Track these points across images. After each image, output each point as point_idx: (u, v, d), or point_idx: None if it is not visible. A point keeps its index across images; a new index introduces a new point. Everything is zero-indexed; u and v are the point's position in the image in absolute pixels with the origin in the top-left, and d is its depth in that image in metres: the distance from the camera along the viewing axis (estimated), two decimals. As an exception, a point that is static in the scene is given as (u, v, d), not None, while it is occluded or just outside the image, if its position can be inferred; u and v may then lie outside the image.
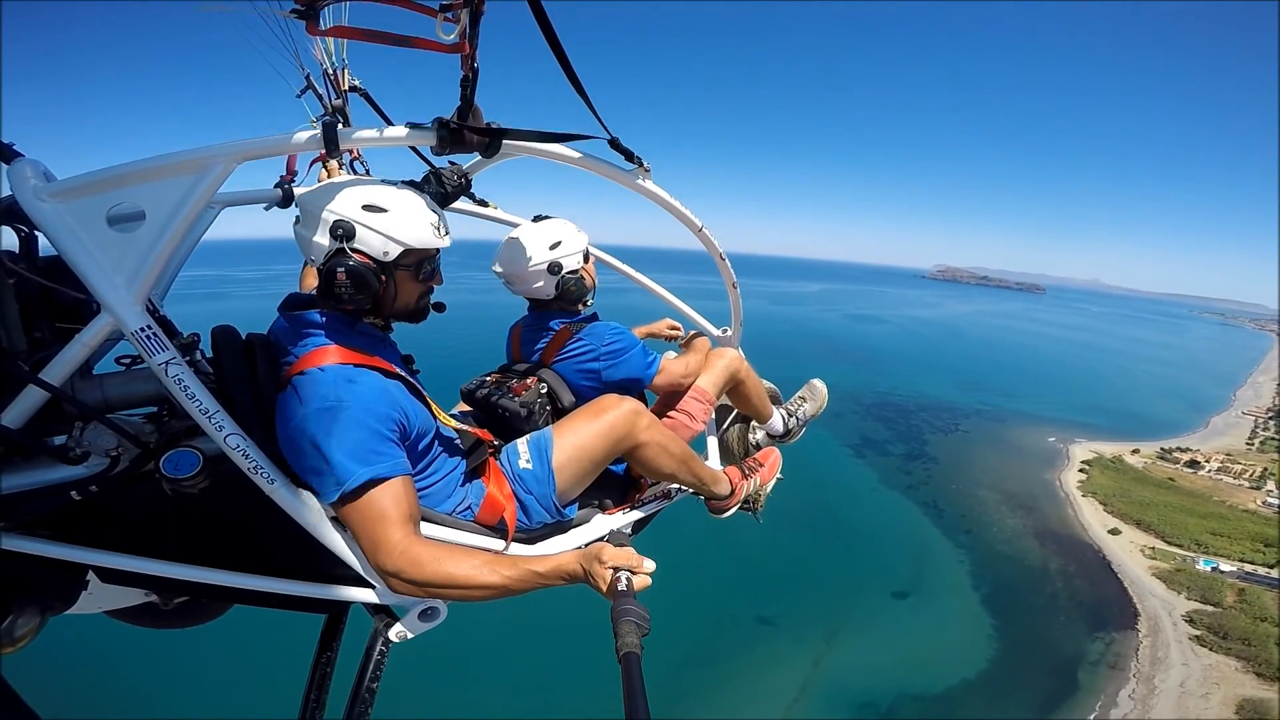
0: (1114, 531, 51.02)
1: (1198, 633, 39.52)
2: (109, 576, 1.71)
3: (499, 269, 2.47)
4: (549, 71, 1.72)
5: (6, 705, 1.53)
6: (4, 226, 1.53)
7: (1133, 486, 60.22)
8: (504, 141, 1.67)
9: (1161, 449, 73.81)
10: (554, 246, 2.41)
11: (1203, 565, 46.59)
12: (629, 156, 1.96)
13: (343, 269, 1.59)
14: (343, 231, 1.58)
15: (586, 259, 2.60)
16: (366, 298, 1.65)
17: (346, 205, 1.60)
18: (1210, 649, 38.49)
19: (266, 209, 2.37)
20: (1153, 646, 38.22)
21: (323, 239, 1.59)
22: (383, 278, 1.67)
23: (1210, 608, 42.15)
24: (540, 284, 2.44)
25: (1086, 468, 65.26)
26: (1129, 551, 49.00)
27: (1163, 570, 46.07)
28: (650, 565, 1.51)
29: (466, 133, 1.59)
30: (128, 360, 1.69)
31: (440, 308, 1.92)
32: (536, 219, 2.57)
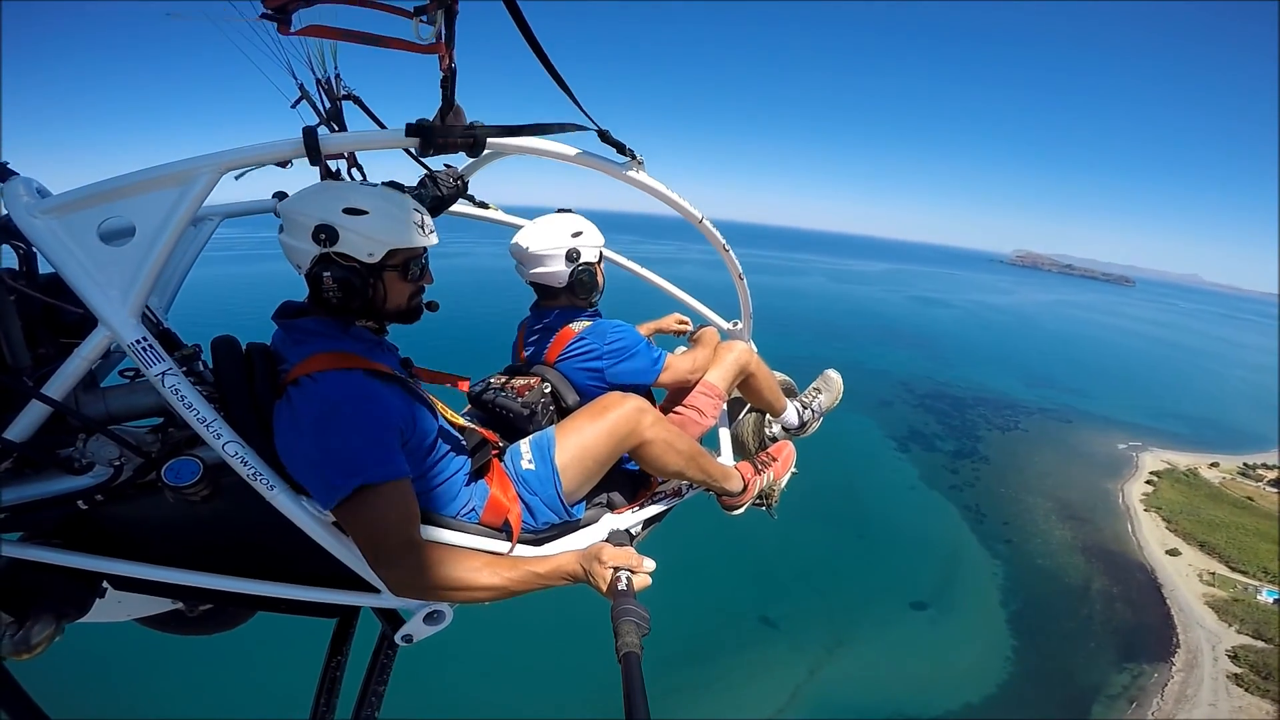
0: (1173, 552, 46.45)
1: (1238, 670, 35.48)
2: (121, 584, 1.76)
3: (520, 242, 2.46)
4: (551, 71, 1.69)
5: (18, 706, 1.58)
6: (3, 245, 1.58)
7: (1203, 504, 53.87)
8: (490, 140, 1.66)
9: (1244, 464, 65.27)
10: (576, 235, 2.43)
11: (1265, 596, 40.89)
12: (620, 149, 1.94)
13: (329, 274, 1.61)
14: (325, 236, 1.58)
15: (600, 259, 2.59)
16: (355, 301, 1.66)
17: (327, 209, 1.60)
18: (1246, 689, 34.60)
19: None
20: (1183, 683, 34.56)
21: (306, 245, 1.60)
22: (370, 280, 1.67)
23: (1260, 644, 37.84)
24: (554, 269, 2.43)
25: (1155, 479, 59.03)
26: (1184, 576, 44.20)
27: (1218, 599, 41.67)
28: (650, 565, 1.51)
29: (450, 132, 1.59)
30: (131, 373, 1.73)
31: (433, 307, 1.92)
32: (561, 211, 2.58)
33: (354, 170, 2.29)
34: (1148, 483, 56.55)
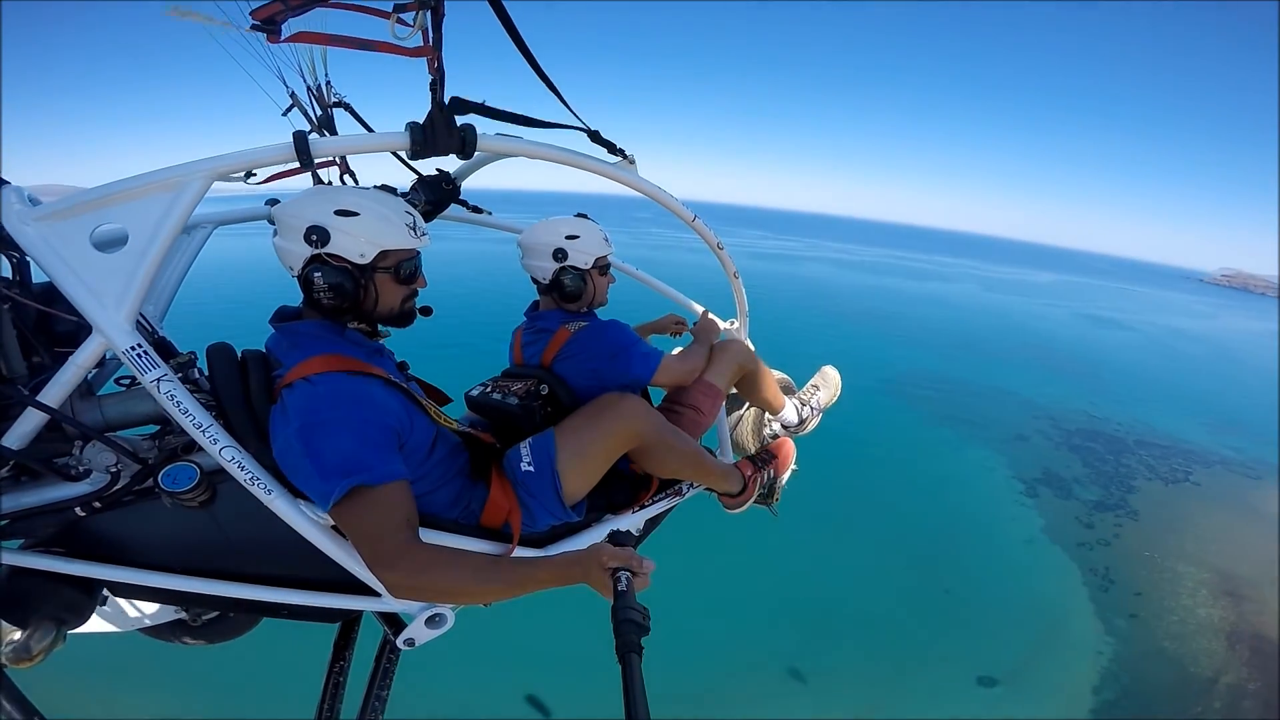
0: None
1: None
2: (121, 591, 1.77)
3: (522, 235, 2.56)
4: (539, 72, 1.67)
5: (15, 707, 1.59)
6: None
7: None
8: (481, 142, 1.67)
9: None
10: (570, 237, 2.46)
11: None
12: (611, 148, 1.94)
13: (320, 273, 1.63)
14: (316, 237, 1.61)
15: (605, 272, 2.60)
16: (346, 301, 1.69)
17: (319, 211, 1.63)
18: None
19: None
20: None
21: (298, 247, 1.63)
22: (362, 281, 1.70)
23: None
24: (539, 263, 2.49)
25: (1367, 565, 46.87)
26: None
27: None
28: (650, 565, 1.49)
29: (440, 134, 1.60)
30: (127, 381, 1.74)
31: (427, 312, 1.94)
32: (578, 215, 2.62)
33: (346, 176, 2.37)
34: (1351, 565, 44.60)
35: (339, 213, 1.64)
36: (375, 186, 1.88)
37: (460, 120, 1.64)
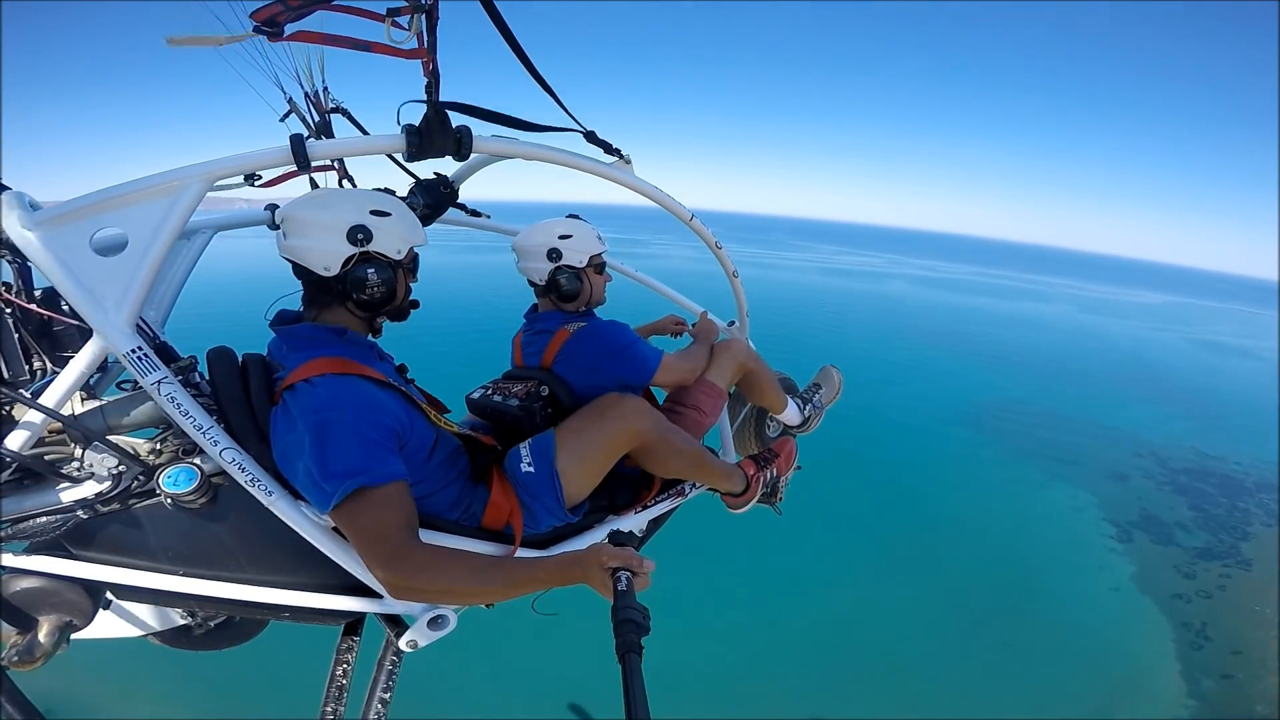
0: None
1: None
2: (124, 593, 1.78)
3: (516, 238, 2.60)
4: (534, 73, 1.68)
5: (17, 709, 1.59)
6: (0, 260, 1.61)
7: None
8: (477, 143, 1.69)
9: None
10: (564, 237, 2.49)
11: None
12: (607, 149, 1.96)
13: (373, 270, 1.71)
14: (362, 236, 1.68)
15: (600, 270, 2.62)
16: (391, 296, 1.78)
17: (356, 212, 1.70)
18: None
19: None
20: None
21: (339, 246, 1.69)
22: (399, 276, 1.80)
23: None
24: (534, 264, 2.52)
25: None
26: None
27: None
28: (650, 565, 1.49)
29: (435, 136, 1.62)
30: (129, 385, 1.76)
31: (415, 305, 1.99)
32: (570, 216, 2.65)
33: (344, 181, 2.41)
34: None
35: (374, 213, 1.72)
36: (376, 189, 1.92)
37: (456, 122, 1.65)
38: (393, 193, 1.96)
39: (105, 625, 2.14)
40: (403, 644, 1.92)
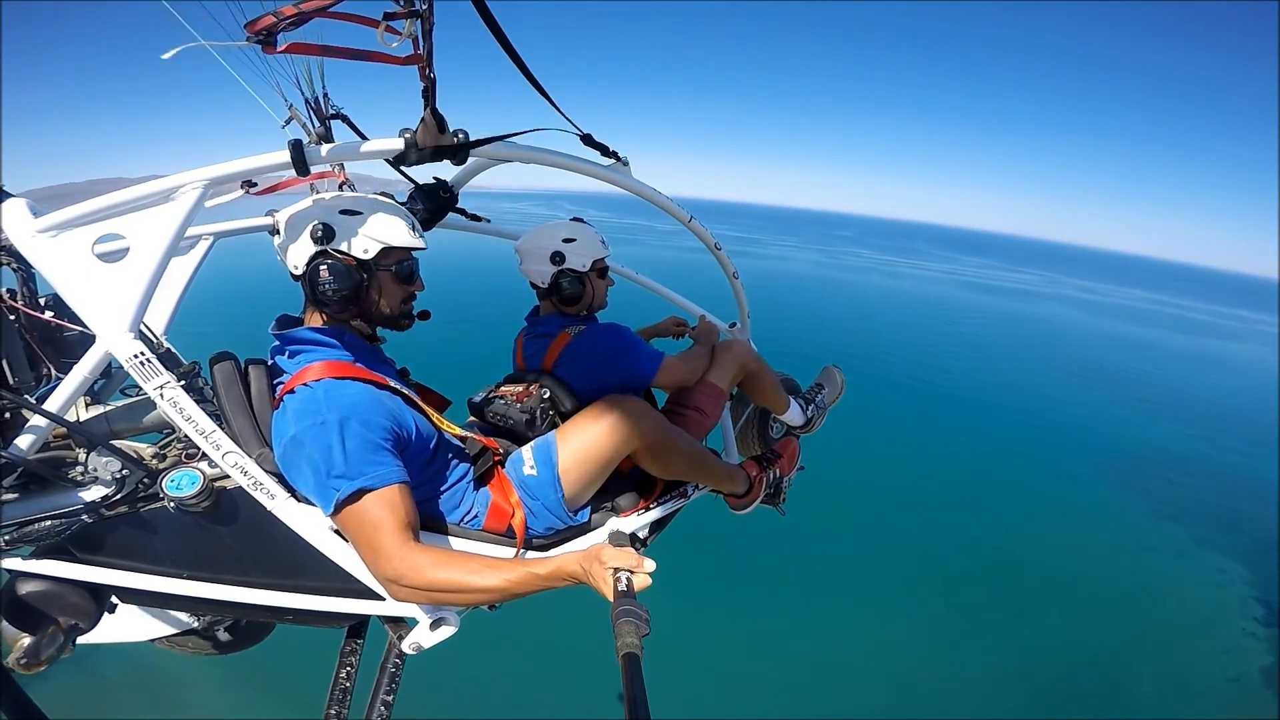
0: None
1: None
2: (128, 597, 1.79)
3: (520, 241, 2.61)
4: (529, 77, 1.65)
5: (17, 707, 1.60)
6: (4, 266, 1.64)
7: None
8: (475, 147, 1.69)
9: None
10: (567, 240, 2.50)
11: None
12: (604, 151, 1.97)
13: (325, 266, 1.69)
14: (321, 233, 1.69)
15: (603, 275, 2.63)
16: (350, 297, 1.74)
17: (325, 211, 1.72)
18: None
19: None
20: None
21: (303, 244, 1.70)
22: (364, 277, 1.76)
23: None
24: (537, 267, 2.53)
25: None
26: None
27: None
28: (650, 565, 1.48)
29: (433, 140, 1.62)
30: (134, 390, 1.78)
31: (425, 316, 1.98)
32: (574, 220, 2.66)
33: (344, 187, 2.41)
34: None
35: (343, 212, 1.73)
36: (375, 193, 1.93)
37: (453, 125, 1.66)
38: (392, 198, 1.97)
39: (111, 629, 2.16)
40: (405, 646, 1.92)
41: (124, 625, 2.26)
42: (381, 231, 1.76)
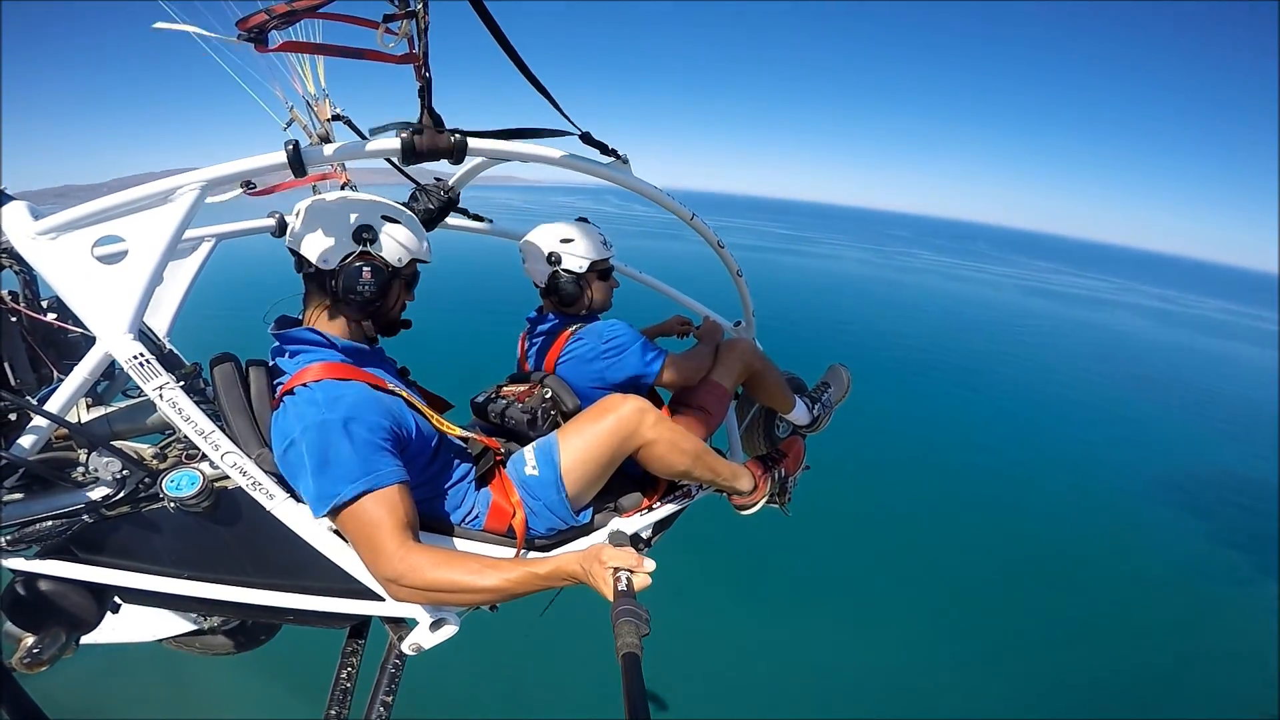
0: None
1: None
2: (131, 597, 1.79)
3: (523, 240, 2.63)
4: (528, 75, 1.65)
5: (18, 708, 1.60)
6: (5, 268, 1.65)
7: None
8: (473, 145, 1.69)
9: None
10: (565, 241, 2.51)
11: None
12: (604, 149, 1.97)
13: (369, 268, 1.73)
14: (367, 235, 1.73)
15: (604, 276, 2.62)
16: (379, 300, 1.78)
17: (366, 213, 1.75)
18: None
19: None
20: None
21: (340, 241, 1.72)
22: (392, 284, 1.80)
23: None
24: (535, 267, 2.55)
25: None
26: None
27: None
28: (650, 565, 1.47)
29: (430, 139, 1.62)
30: (136, 391, 1.79)
31: (407, 324, 1.99)
32: (578, 220, 2.67)
33: (346, 188, 2.43)
34: None
35: (385, 218, 1.77)
36: (389, 200, 1.95)
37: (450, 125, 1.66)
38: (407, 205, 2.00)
39: (114, 630, 2.16)
40: (405, 647, 1.90)
41: (128, 625, 2.26)
42: (414, 243, 1.83)
